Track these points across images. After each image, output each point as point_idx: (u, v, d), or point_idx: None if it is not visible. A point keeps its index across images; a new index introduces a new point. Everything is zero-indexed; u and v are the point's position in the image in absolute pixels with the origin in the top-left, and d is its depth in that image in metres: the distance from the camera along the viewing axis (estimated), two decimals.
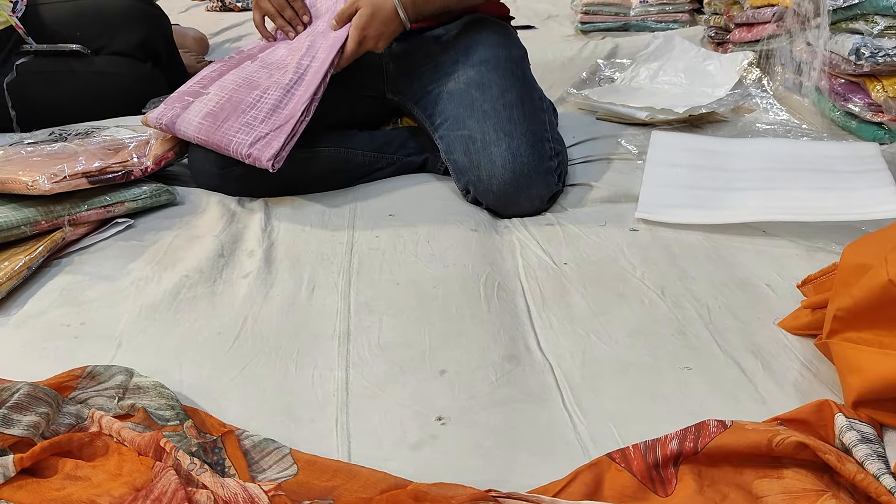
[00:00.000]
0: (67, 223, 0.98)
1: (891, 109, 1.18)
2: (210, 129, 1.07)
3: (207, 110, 1.09)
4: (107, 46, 1.53)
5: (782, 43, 1.49)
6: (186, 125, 1.10)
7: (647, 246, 0.94)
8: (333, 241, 0.97)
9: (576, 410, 0.66)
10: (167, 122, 1.13)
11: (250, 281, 0.88)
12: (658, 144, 1.20)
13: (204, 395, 0.69)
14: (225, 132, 1.05)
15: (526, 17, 2.77)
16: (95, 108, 1.44)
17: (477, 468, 0.60)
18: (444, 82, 1.14)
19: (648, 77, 1.66)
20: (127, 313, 0.83)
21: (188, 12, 3.33)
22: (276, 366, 0.73)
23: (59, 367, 0.73)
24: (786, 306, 0.80)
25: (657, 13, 2.44)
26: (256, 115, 1.06)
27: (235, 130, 1.04)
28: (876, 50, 1.17)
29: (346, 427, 0.65)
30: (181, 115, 1.11)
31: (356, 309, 0.82)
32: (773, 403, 0.65)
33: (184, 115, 1.11)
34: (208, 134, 1.07)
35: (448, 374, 0.71)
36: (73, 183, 1.00)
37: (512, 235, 0.99)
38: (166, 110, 1.13)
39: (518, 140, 1.04)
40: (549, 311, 0.81)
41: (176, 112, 1.12)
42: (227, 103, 1.09)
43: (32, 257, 0.90)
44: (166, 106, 1.14)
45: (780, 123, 1.38)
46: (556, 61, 1.91)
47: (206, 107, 1.10)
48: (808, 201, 1.00)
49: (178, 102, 1.14)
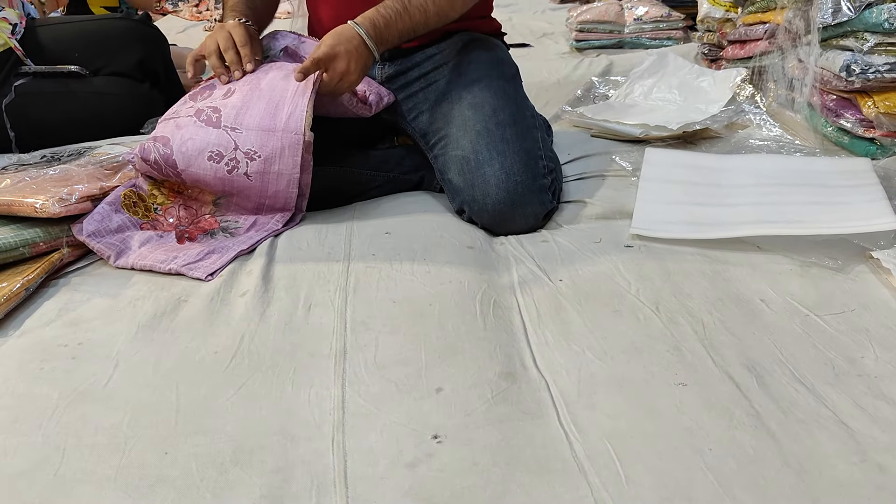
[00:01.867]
0: (66, 245, 0.99)
1: (882, 125, 1.19)
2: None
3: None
4: (105, 67, 1.54)
5: (774, 60, 1.50)
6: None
7: (642, 262, 0.94)
8: (330, 259, 0.98)
9: (571, 428, 0.66)
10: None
11: (247, 299, 0.89)
12: (652, 161, 1.21)
13: (201, 415, 0.69)
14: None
15: (521, 34, 2.80)
16: (94, 129, 1.45)
17: (473, 486, 0.60)
18: (437, 102, 1.15)
19: (643, 94, 1.67)
20: (124, 333, 0.83)
21: (186, 32, 3.36)
22: (273, 384, 0.74)
23: (56, 388, 0.73)
24: (781, 321, 0.81)
25: (651, 31, 2.46)
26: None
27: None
28: (866, 66, 1.19)
29: (343, 446, 0.65)
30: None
31: (352, 327, 0.83)
32: (767, 419, 0.66)
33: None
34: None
35: (444, 391, 0.71)
36: (79, 206, 1.01)
37: (507, 252, 1.00)
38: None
39: (511, 159, 1.05)
40: (544, 328, 0.82)
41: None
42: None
43: (30, 279, 0.91)
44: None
45: (773, 139, 1.39)
46: (552, 79, 1.92)
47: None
48: (802, 216, 1.01)
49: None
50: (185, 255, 0.98)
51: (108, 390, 0.74)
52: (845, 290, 0.87)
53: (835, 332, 0.78)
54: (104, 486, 0.61)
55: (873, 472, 0.59)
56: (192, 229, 1.05)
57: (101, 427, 0.68)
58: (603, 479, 0.60)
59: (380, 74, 1.22)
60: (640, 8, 2.48)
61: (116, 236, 1.02)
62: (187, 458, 0.64)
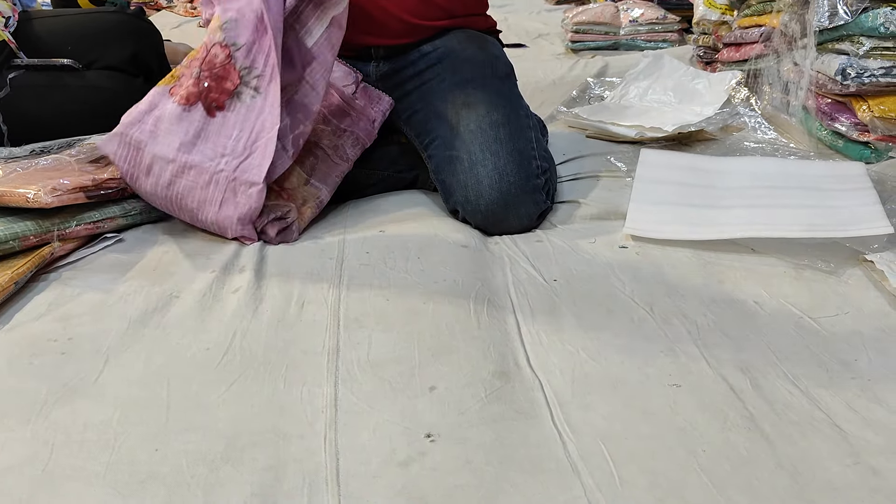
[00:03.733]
0: (56, 239, 0.98)
1: (876, 129, 1.19)
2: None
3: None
4: (98, 60, 1.52)
5: (770, 63, 1.51)
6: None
7: (636, 263, 0.94)
8: (323, 257, 0.97)
9: (565, 428, 0.66)
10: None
11: (240, 296, 0.88)
12: (647, 162, 1.21)
13: (192, 411, 0.69)
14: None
15: (517, 35, 2.80)
16: (87, 123, 1.44)
17: (466, 485, 0.60)
18: (431, 101, 1.15)
19: (638, 95, 1.67)
20: (115, 329, 0.82)
21: (180, 28, 3.34)
22: (265, 381, 0.73)
23: (45, 383, 0.73)
24: (775, 323, 0.81)
25: (647, 32, 2.46)
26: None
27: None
28: (862, 70, 1.19)
29: (335, 444, 0.64)
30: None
31: (346, 325, 0.82)
32: (761, 420, 0.66)
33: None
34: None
35: (438, 390, 0.71)
36: (72, 197, 1.00)
37: (502, 252, 0.99)
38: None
39: (504, 159, 1.05)
40: (538, 328, 0.81)
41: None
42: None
43: (20, 272, 0.90)
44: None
45: (767, 142, 1.39)
46: (547, 79, 1.92)
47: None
48: (796, 218, 1.01)
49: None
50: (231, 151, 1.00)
51: (98, 386, 0.73)
52: (839, 292, 0.87)
53: (828, 335, 0.78)
54: (93, 483, 0.60)
55: (867, 474, 0.59)
56: (218, 96, 1.03)
57: (90, 423, 0.67)
58: (596, 479, 0.59)
59: (374, 73, 1.21)
60: (636, 10, 2.49)
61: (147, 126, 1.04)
62: (178, 454, 0.63)
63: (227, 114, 1.02)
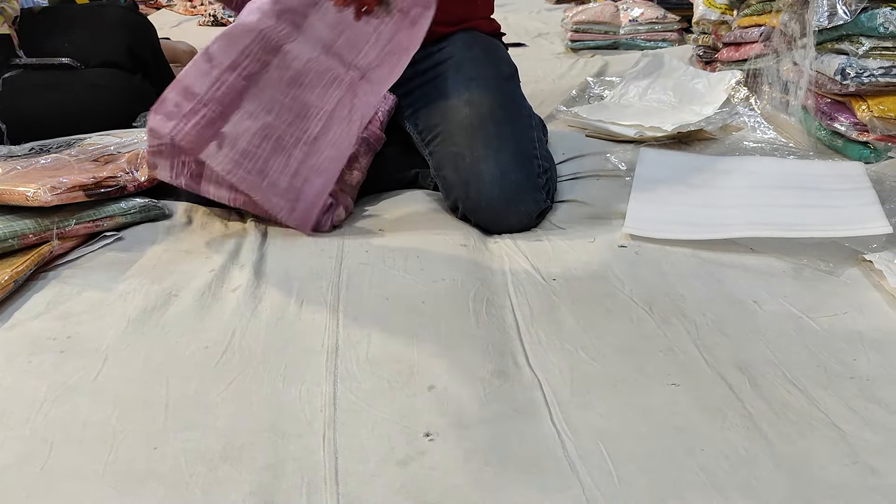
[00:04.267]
0: (56, 237, 0.98)
1: (876, 129, 1.19)
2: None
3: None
4: (95, 56, 1.52)
5: (769, 62, 1.51)
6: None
7: (635, 262, 0.94)
8: (323, 256, 0.97)
9: (564, 427, 0.66)
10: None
11: (239, 295, 0.88)
12: (646, 161, 1.21)
13: (191, 410, 0.69)
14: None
15: (517, 34, 2.80)
16: (86, 121, 1.43)
17: (464, 484, 0.60)
18: (435, 98, 1.15)
19: (637, 95, 1.67)
20: (114, 327, 0.82)
21: (180, 27, 3.34)
22: (264, 380, 0.73)
23: (44, 382, 0.73)
24: (773, 323, 0.81)
25: (646, 32, 2.46)
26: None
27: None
28: (861, 70, 1.19)
29: (334, 442, 0.64)
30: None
31: (345, 324, 0.82)
32: (760, 420, 0.66)
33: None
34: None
35: (436, 389, 0.71)
36: (71, 195, 1.00)
37: (501, 251, 0.99)
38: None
39: (506, 157, 1.05)
40: (537, 327, 0.81)
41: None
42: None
43: (19, 270, 0.90)
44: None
45: (767, 142, 1.39)
46: (546, 79, 1.93)
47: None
48: (795, 218, 1.01)
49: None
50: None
51: (97, 384, 0.73)
52: (838, 292, 0.87)
53: (827, 335, 0.78)
54: (92, 481, 0.60)
55: (865, 474, 0.60)
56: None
57: (89, 421, 0.68)
58: (595, 478, 0.60)
59: None
60: (636, 9, 2.49)
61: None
62: (177, 453, 0.63)
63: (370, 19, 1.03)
